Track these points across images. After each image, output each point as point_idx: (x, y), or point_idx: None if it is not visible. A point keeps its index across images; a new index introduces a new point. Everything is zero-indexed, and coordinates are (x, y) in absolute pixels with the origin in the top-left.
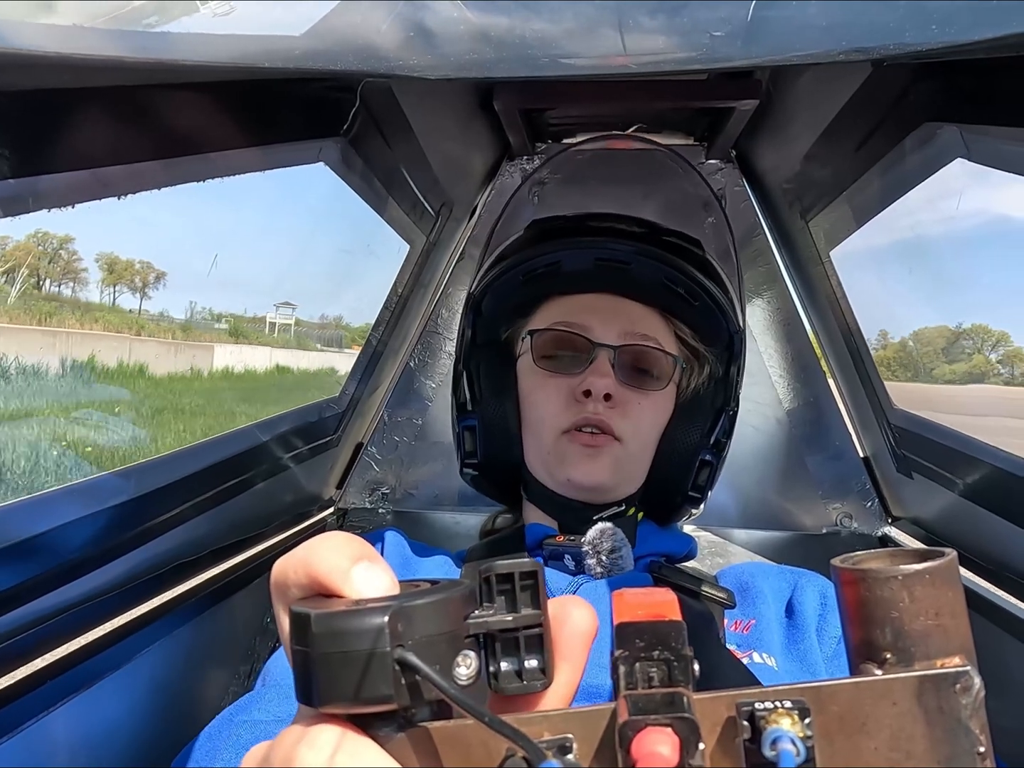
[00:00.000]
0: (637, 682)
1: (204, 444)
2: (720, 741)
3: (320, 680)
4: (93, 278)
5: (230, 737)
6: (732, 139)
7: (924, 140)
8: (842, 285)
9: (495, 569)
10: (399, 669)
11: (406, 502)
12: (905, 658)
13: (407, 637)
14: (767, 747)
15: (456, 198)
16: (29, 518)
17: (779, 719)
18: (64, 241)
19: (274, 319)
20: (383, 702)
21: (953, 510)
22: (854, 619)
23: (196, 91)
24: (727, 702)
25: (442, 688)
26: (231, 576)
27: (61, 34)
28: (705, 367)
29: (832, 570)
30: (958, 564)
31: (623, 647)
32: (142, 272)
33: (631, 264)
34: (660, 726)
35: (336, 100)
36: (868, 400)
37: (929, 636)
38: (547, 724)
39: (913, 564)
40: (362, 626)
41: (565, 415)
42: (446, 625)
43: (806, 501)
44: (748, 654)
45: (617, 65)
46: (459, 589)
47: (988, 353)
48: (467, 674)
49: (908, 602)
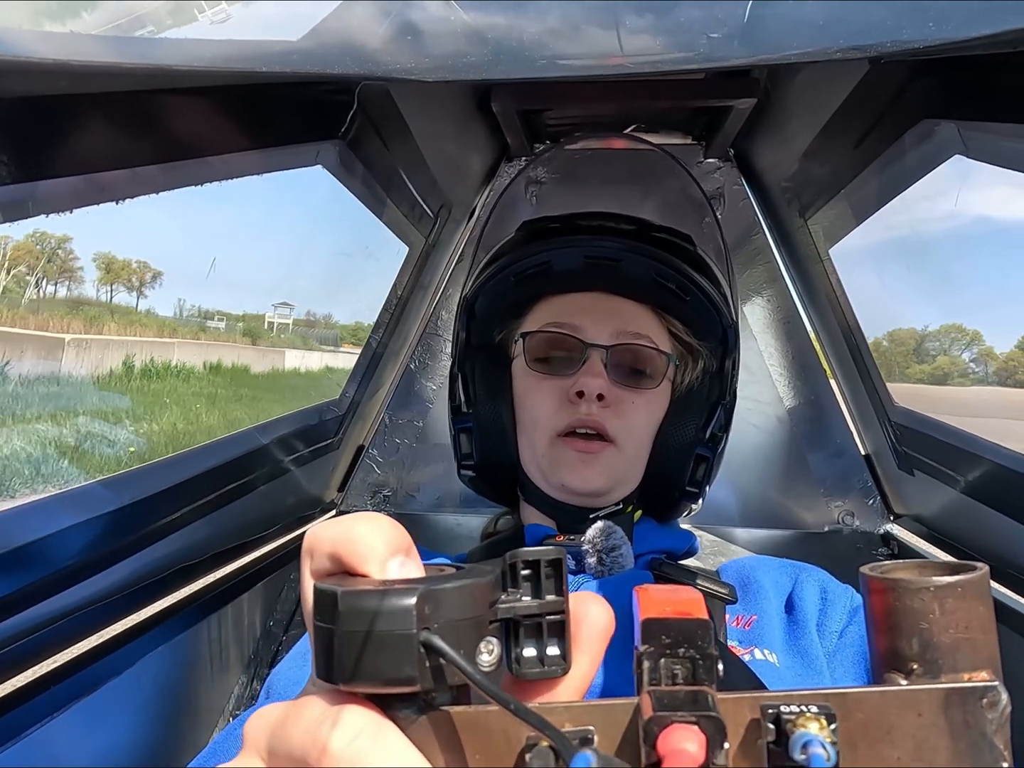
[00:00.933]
0: (661, 678)
1: (205, 447)
2: (742, 742)
3: (344, 659)
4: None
5: (235, 749)
6: (730, 138)
7: (922, 137)
8: (841, 283)
9: (521, 556)
10: (424, 652)
11: (408, 504)
12: (932, 670)
13: (433, 620)
14: (796, 751)
15: (455, 199)
16: (31, 523)
17: (807, 723)
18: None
19: (272, 318)
20: (407, 684)
21: (955, 507)
22: (881, 628)
23: (194, 96)
24: (751, 703)
25: (468, 673)
26: (233, 580)
27: (60, 41)
28: (699, 362)
29: (861, 578)
30: (989, 579)
31: (648, 642)
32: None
33: (621, 261)
34: (686, 723)
35: (334, 103)
36: (869, 397)
37: (958, 649)
38: (568, 715)
39: (946, 576)
40: (389, 607)
41: (558, 417)
42: (472, 610)
43: (807, 499)
44: (750, 650)
45: (614, 65)
46: (486, 574)
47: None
48: (489, 660)
49: (938, 614)
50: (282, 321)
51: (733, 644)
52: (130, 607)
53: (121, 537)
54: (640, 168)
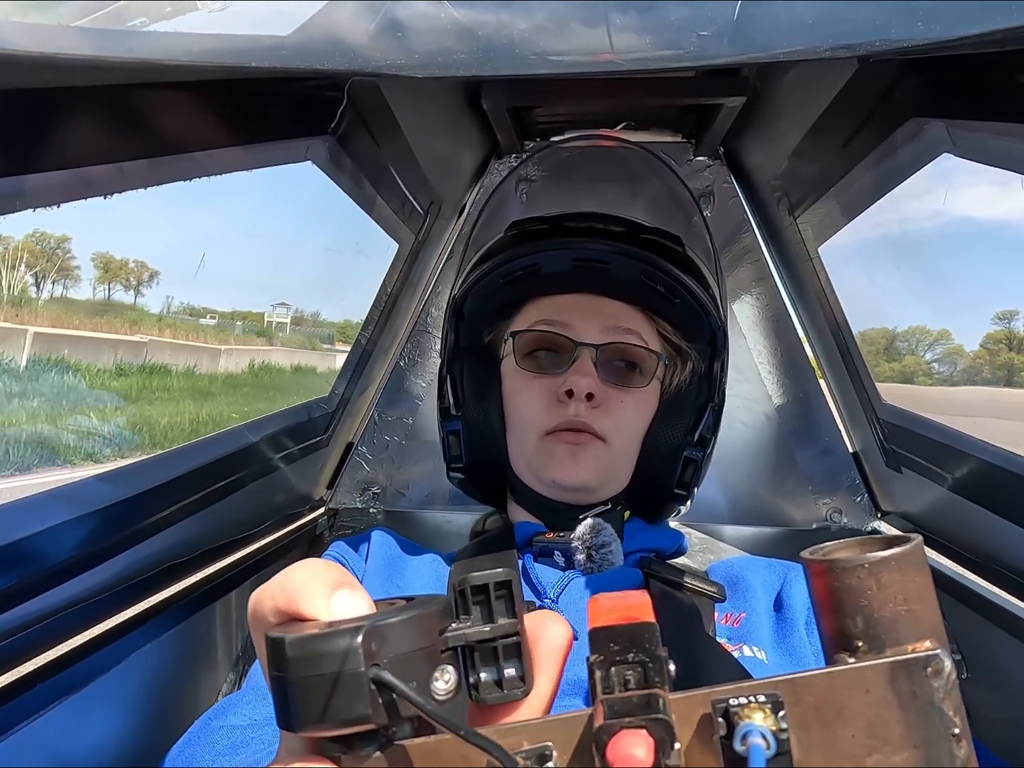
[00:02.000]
0: (614, 686)
1: (194, 445)
2: (698, 739)
3: (297, 704)
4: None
5: (207, 743)
6: (720, 136)
7: (911, 135)
8: (831, 281)
9: (469, 581)
10: (375, 688)
11: (397, 502)
12: (877, 645)
13: (382, 656)
14: (738, 742)
15: (445, 196)
16: (17, 521)
17: (751, 714)
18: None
19: (271, 318)
20: (361, 722)
21: (942, 504)
22: (825, 610)
23: (182, 90)
24: (703, 699)
25: (416, 703)
26: (222, 577)
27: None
28: (688, 363)
29: (802, 563)
30: (924, 549)
31: (597, 651)
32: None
33: (610, 263)
34: (635, 728)
35: (323, 98)
36: (857, 395)
37: (898, 622)
38: (526, 733)
39: (879, 551)
40: (335, 647)
41: (548, 416)
42: (421, 641)
43: (796, 496)
44: (739, 647)
45: (604, 62)
46: (433, 604)
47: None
48: (445, 688)
49: (876, 589)
50: (280, 320)
51: (722, 641)
52: (119, 604)
53: (110, 535)
54: (629, 166)
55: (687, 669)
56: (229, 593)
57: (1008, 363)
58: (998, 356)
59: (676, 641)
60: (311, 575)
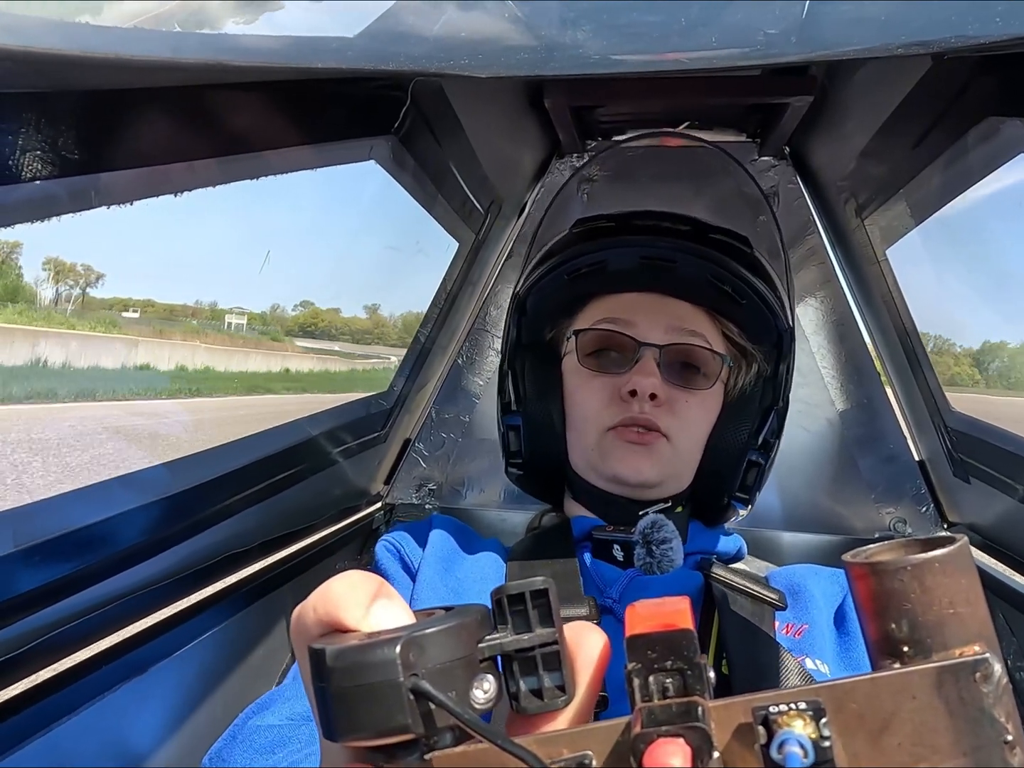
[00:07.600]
0: (652, 694)
1: (255, 437)
2: (739, 747)
3: (338, 714)
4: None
5: (244, 741)
6: (786, 136)
7: (986, 135)
8: (899, 284)
9: (506, 590)
10: (414, 698)
11: (452, 498)
12: (923, 650)
13: (420, 666)
14: (775, 750)
15: (505, 196)
16: (84, 507)
17: (791, 721)
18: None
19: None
20: (400, 732)
21: (1013, 516)
22: (869, 614)
23: (250, 91)
24: (743, 707)
25: (455, 713)
26: (280, 568)
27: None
28: (753, 366)
29: (845, 567)
30: (970, 550)
31: (635, 659)
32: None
33: (676, 262)
34: (672, 736)
35: (387, 99)
36: (924, 402)
37: (945, 625)
38: (566, 742)
39: (922, 553)
40: (375, 658)
41: (609, 413)
42: (460, 651)
43: (858, 505)
44: (801, 659)
45: (669, 61)
46: (471, 614)
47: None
48: (485, 697)
49: (920, 592)
50: (238, 321)
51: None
52: (179, 592)
53: (172, 524)
54: (693, 165)
55: (753, 674)
56: (286, 584)
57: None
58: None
59: (742, 645)
60: (350, 587)
